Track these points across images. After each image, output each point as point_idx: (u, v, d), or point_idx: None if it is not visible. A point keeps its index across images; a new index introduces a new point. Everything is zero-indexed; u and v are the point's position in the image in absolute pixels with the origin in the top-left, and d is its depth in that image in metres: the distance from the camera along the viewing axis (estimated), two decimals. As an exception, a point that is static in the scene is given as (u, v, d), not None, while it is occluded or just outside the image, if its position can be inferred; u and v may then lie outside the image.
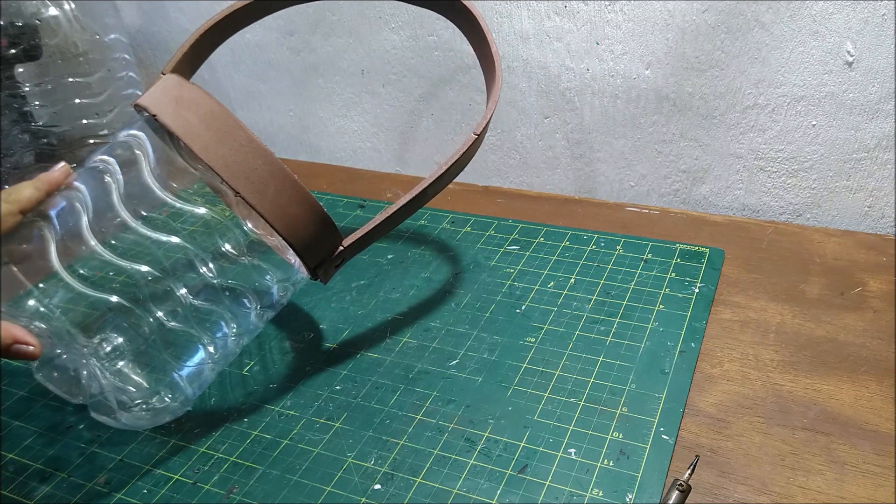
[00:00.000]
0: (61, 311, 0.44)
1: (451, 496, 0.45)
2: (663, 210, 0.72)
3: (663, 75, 0.70)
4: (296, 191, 0.47)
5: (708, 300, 0.59)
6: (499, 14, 0.74)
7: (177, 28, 0.94)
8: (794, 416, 0.49)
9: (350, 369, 0.56)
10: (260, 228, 0.51)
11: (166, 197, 0.48)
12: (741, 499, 0.44)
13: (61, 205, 0.47)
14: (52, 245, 0.45)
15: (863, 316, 0.56)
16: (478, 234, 0.71)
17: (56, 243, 0.45)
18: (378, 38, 0.82)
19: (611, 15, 0.69)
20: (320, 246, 0.50)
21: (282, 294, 0.53)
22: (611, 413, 0.50)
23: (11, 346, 0.42)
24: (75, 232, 0.46)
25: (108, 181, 0.48)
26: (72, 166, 0.50)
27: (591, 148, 0.78)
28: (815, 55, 0.64)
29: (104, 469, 0.50)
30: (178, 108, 0.46)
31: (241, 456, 0.50)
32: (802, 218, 0.73)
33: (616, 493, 0.44)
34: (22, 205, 0.47)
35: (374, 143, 0.91)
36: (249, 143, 0.46)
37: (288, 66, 0.89)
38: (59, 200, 0.48)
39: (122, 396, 0.46)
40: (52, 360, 0.48)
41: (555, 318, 0.59)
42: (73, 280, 0.45)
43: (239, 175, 0.45)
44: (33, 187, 0.47)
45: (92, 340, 0.45)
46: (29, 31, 0.73)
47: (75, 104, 0.77)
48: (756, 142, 0.70)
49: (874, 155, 0.66)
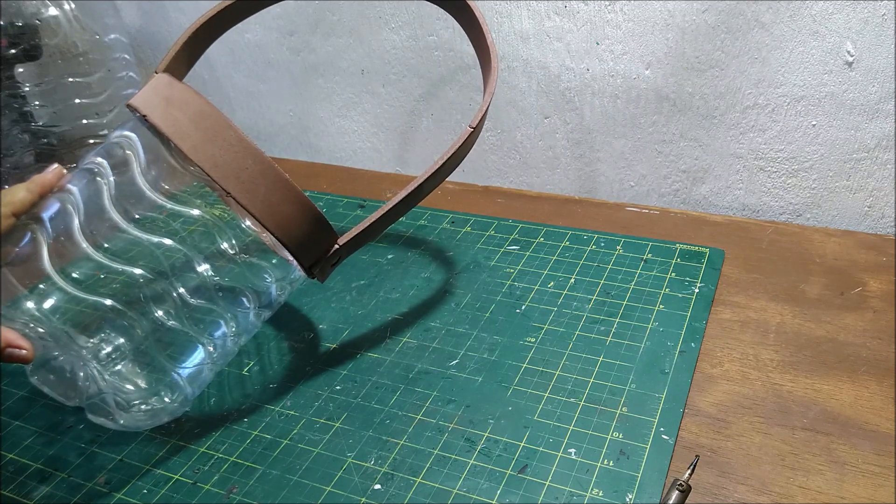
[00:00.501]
0: (58, 314, 0.44)
1: (451, 496, 0.45)
2: (663, 210, 0.72)
3: (663, 75, 0.70)
4: (287, 190, 0.47)
5: (708, 300, 0.59)
6: (499, 14, 0.74)
7: (177, 28, 0.94)
8: (794, 416, 0.49)
9: (350, 369, 0.56)
10: (257, 227, 0.51)
11: (157, 198, 0.48)
12: (741, 499, 0.44)
13: (54, 207, 0.47)
14: (45, 248, 0.45)
15: (863, 316, 0.56)
16: (478, 234, 0.71)
17: (48, 246, 0.45)
18: (378, 38, 0.82)
19: (611, 15, 0.69)
20: (314, 245, 0.50)
21: (280, 293, 0.53)
22: (611, 413, 0.50)
23: (4, 350, 0.42)
24: (67, 234, 0.46)
25: (100, 183, 0.48)
26: (70, 167, 0.50)
27: (592, 148, 0.78)
28: (815, 55, 0.64)
29: (104, 469, 0.50)
30: (168, 108, 0.46)
31: (241, 456, 0.50)
32: (802, 218, 0.73)
33: (616, 493, 0.44)
34: (15, 207, 0.46)
35: (374, 143, 0.91)
36: (239, 142, 0.46)
37: (288, 66, 0.89)
38: (52, 203, 0.47)
39: (121, 397, 0.46)
40: (49, 362, 0.48)
41: (555, 318, 0.59)
42: (65, 283, 0.44)
43: (229, 175, 0.45)
44: (26, 189, 0.47)
45: (91, 342, 0.45)
46: (29, 31, 0.73)
47: (75, 104, 0.77)
48: (756, 142, 0.70)
49: (874, 155, 0.66)
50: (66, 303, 0.44)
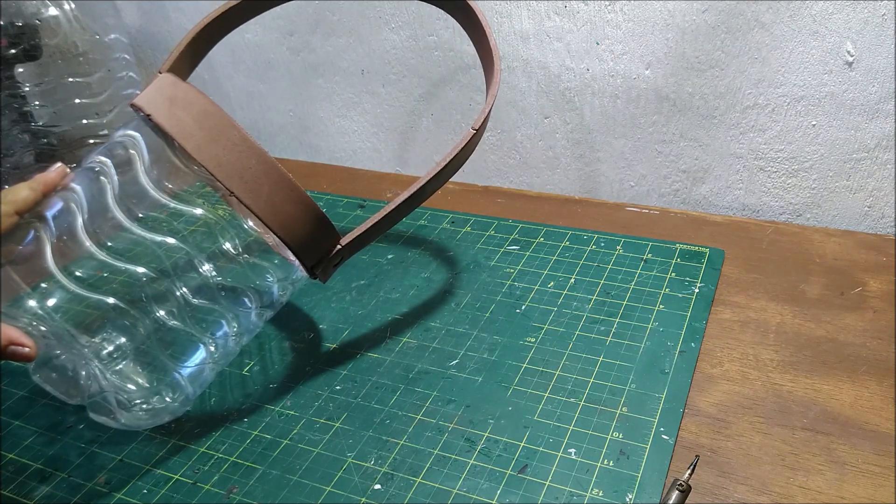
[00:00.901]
0: (61, 312, 0.44)
1: (451, 496, 0.45)
2: (663, 210, 0.72)
3: (663, 75, 0.70)
4: (291, 190, 0.47)
5: (708, 300, 0.59)
6: (499, 14, 0.74)
7: (177, 28, 0.94)
8: (794, 416, 0.49)
9: (350, 369, 0.56)
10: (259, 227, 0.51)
11: (161, 197, 0.48)
12: (741, 499, 0.44)
13: (58, 206, 0.47)
14: (48, 246, 0.45)
15: (863, 316, 0.56)
16: (478, 234, 0.71)
17: (52, 244, 0.45)
18: (378, 38, 0.82)
19: (611, 15, 0.69)
20: (317, 245, 0.50)
21: (282, 293, 0.53)
22: (611, 413, 0.50)
23: (7, 347, 0.42)
24: (71, 233, 0.46)
25: (104, 182, 0.48)
26: (71, 167, 0.50)
27: (592, 148, 0.78)
28: (815, 55, 0.64)
29: (104, 469, 0.50)
30: (172, 108, 0.46)
31: (241, 456, 0.50)
32: (802, 218, 0.73)
33: (616, 493, 0.44)
34: (18, 206, 0.47)
35: (374, 143, 0.91)
36: (243, 142, 0.46)
37: (288, 66, 0.89)
38: (56, 201, 0.48)
39: (123, 396, 0.46)
40: (51, 360, 0.48)
41: (555, 318, 0.59)
42: (68, 282, 0.45)
43: (232, 174, 0.45)
44: (29, 188, 0.47)
45: (93, 340, 0.45)
46: (29, 31, 0.73)
47: (75, 104, 0.77)
48: (756, 142, 0.70)
49: (874, 155, 0.66)
50: (69, 301, 0.45)
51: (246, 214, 0.51)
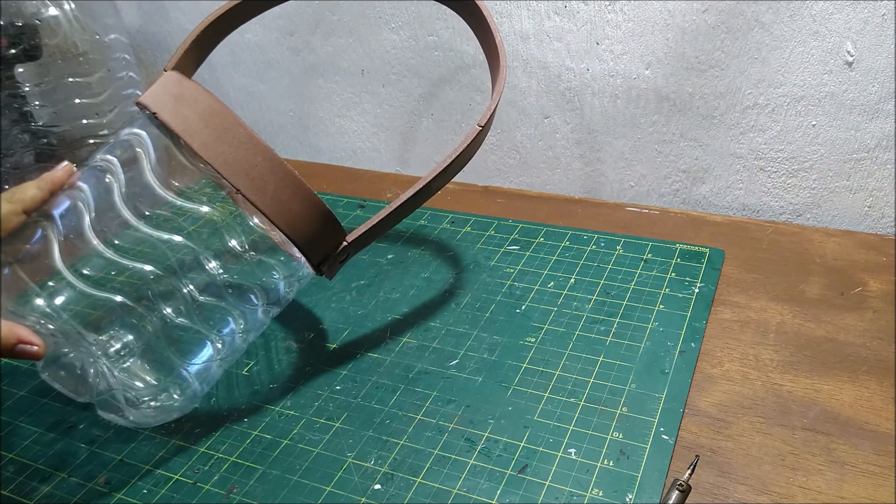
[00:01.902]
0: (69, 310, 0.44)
1: (451, 496, 0.46)
2: (663, 210, 0.72)
3: (663, 75, 0.70)
4: (297, 187, 0.47)
5: (708, 300, 0.59)
6: (499, 14, 0.74)
7: (177, 28, 0.94)
8: (794, 416, 0.49)
9: (350, 369, 0.56)
10: (265, 224, 0.51)
11: (167, 195, 0.48)
12: (741, 499, 0.44)
13: (65, 204, 0.47)
14: (56, 245, 0.45)
15: (863, 316, 0.56)
16: (478, 234, 0.71)
17: (59, 243, 0.46)
18: (378, 38, 0.82)
19: (611, 15, 0.69)
20: (323, 242, 0.50)
21: (288, 290, 0.53)
22: (611, 413, 0.50)
23: (16, 346, 0.42)
24: (78, 231, 0.46)
25: (110, 180, 0.48)
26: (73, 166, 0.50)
27: (592, 148, 0.78)
28: (815, 55, 0.64)
29: (104, 469, 0.50)
30: (178, 106, 0.46)
31: (241, 456, 0.50)
32: (802, 218, 0.73)
33: (616, 493, 0.44)
34: (25, 204, 0.47)
35: (375, 143, 0.91)
36: (249, 139, 0.46)
37: (288, 66, 0.89)
38: (63, 200, 0.48)
39: (130, 394, 0.46)
40: (59, 358, 0.48)
41: (555, 318, 0.59)
42: (76, 280, 0.45)
43: (239, 172, 0.45)
44: (36, 187, 0.48)
45: (100, 338, 0.45)
46: (29, 31, 0.73)
47: (75, 104, 0.77)
48: (756, 142, 0.70)
49: (874, 155, 0.66)
50: (77, 299, 0.45)
51: (252, 212, 0.51)
